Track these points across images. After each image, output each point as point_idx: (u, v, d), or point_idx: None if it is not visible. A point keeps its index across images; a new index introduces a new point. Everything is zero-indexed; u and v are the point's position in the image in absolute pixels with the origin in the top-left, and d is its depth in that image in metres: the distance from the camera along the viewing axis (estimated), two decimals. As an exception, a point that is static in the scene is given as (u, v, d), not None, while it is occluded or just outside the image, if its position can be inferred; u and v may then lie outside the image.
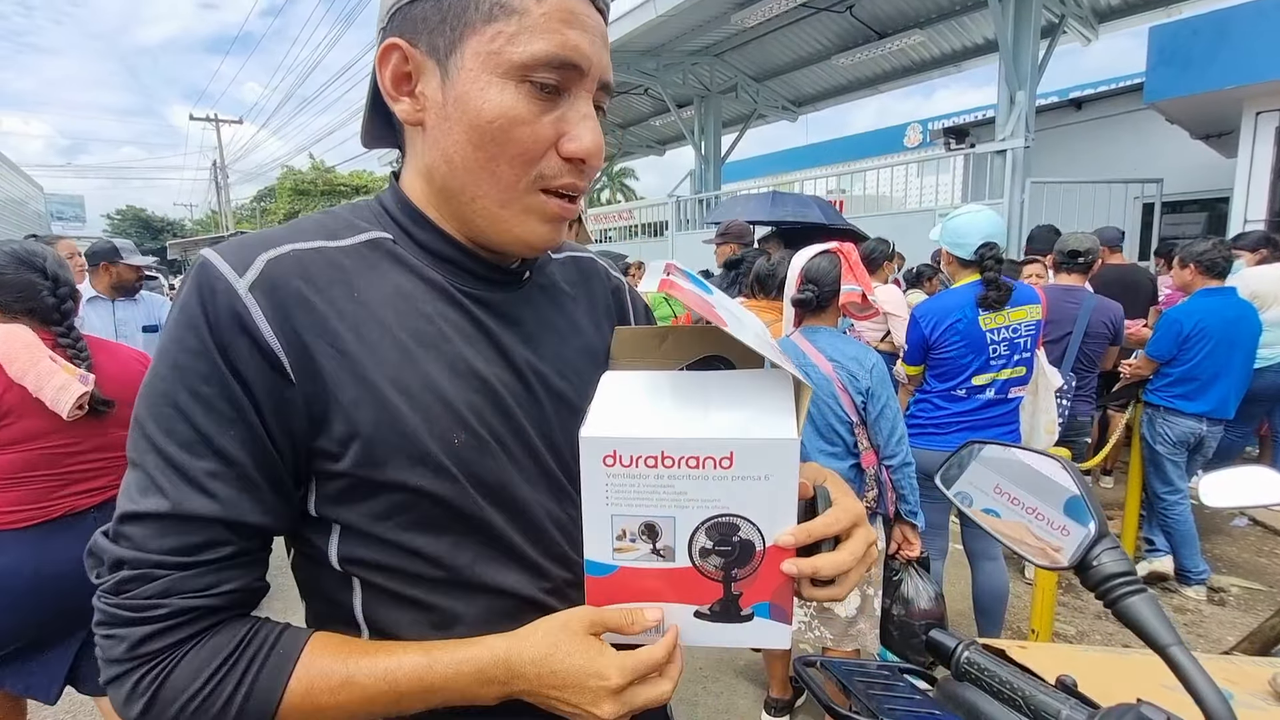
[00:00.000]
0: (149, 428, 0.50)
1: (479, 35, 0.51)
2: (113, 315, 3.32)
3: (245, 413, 0.50)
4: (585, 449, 0.50)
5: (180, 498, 0.49)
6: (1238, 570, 3.34)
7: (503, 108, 0.52)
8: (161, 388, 0.50)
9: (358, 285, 0.55)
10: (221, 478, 0.50)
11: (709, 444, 0.49)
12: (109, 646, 0.49)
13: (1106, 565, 0.52)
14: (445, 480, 0.54)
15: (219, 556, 0.50)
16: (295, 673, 0.50)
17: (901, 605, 1.96)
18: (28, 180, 19.92)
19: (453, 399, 0.55)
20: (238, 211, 36.66)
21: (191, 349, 0.50)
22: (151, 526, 0.49)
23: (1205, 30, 5.16)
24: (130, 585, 0.48)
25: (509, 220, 0.56)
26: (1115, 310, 3.06)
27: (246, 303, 0.50)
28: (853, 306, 1.97)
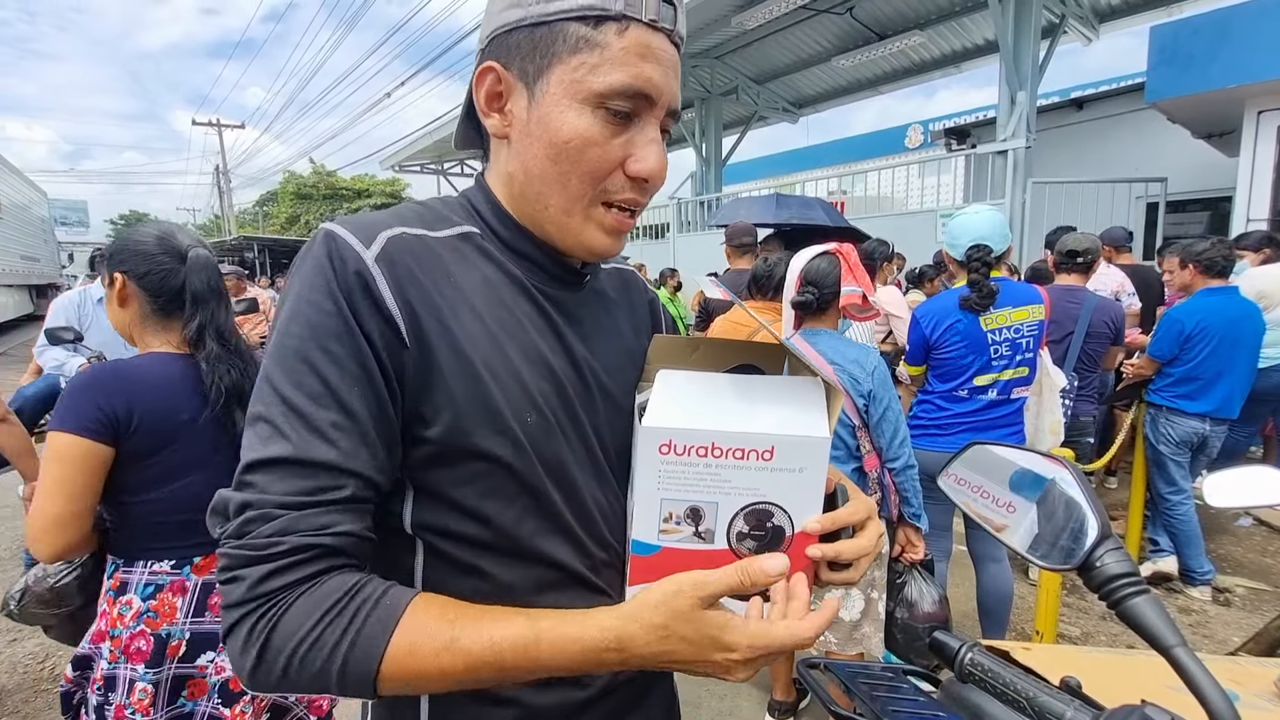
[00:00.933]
0: (278, 381, 0.53)
1: (564, 65, 0.58)
2: None
3: (371, 372, 0.54)
4: (644, 437, 0.55)
5: (304, 444, 0.52)
6: (1243, 571, 3.33)
7: (578, 130, 0.58)
8: (294, 345, 0.54)
9: (453, 272, 0.60)
10: (343, 429, 0.53)
11: (754, 438, 0.55)
12: (230, 591, 0.50)
13: (1109, 566, 0.52)
14: (519, 453, 0.59)
15: (334, 499, 0.52)
16: (400, 626, 0.50)
17: (905, 608, 1.96)
18: (31, 185, 20.01)
19: (528, 382, 0.60)
20: (240, 216, 36.75)
21: (325, 310, 0.54)
22: (275, 472, 0.52)
23: (1206, 30, 5.16)
24: (252, 526, 0.50)
25: (574, 227, 0.62)
26: (1117, 310, 3.05)
27: (373, 271, 0.55)
28: (853, 308, 1.97)
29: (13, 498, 4.19)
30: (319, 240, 0.57)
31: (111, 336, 3.25)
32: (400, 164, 16.34)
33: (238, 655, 0.50)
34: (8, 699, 2.39)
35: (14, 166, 17.84)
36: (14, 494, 4.03)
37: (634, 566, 0.59)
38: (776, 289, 2.44)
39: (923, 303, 2.58)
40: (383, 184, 29.12)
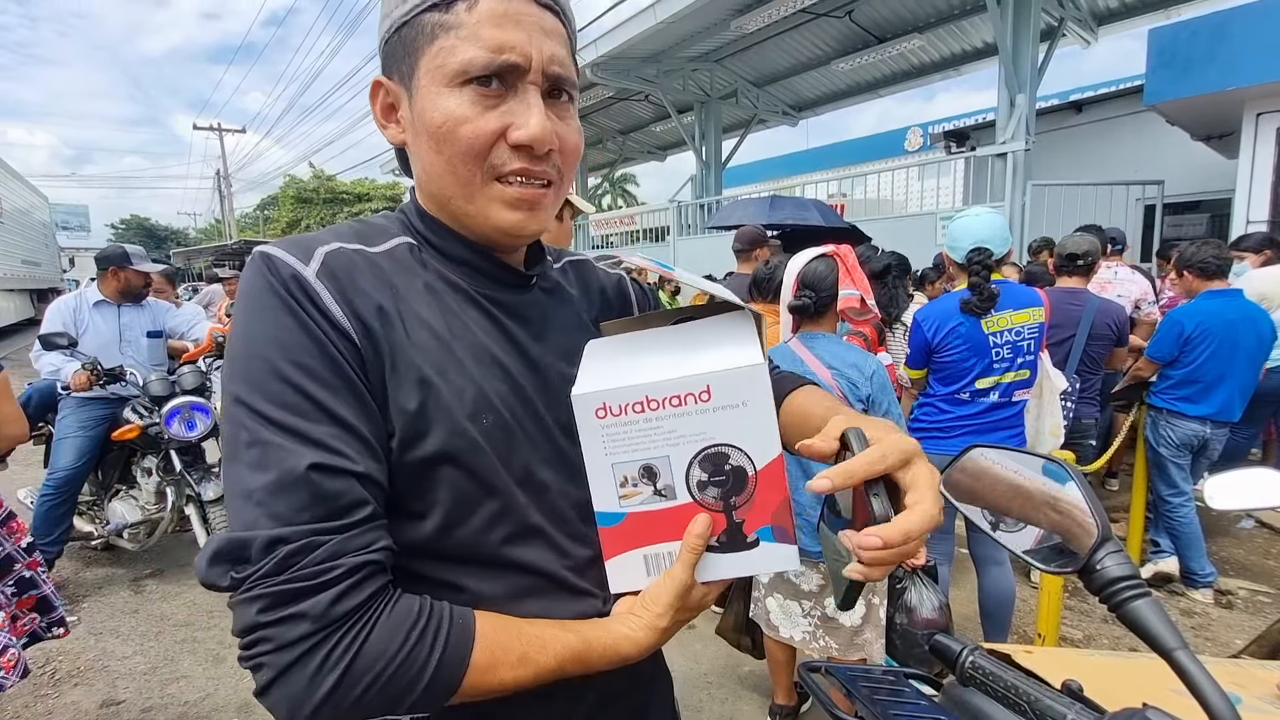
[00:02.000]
0: (259, 405, 0.51)
1: (427, 55, 0.58)
2: (118, 320, 3.34)
3: (351, 380, 0.54)
4: (578, 406, 0.55)
5: (312, 457, 0.50)
6: (1245, 573, 3.32)
7: (446, 111, 0.57)
8: (263, 365, 0.52)
9: (394, 283, 0.60)
10: (342, 439, 0.51)
11: (686, 381, 0.54)
12: (286, 630, 0.47)
13: (1110, 569, 0.52)
14: (479, 455, 0.58)
15: (364, 516, 0.51)
16: (477, 644, 0.53)
17: (905, 614, 1.95)
18: (33, 190, 20.04)
19: (481, 384, 0.60)
20: (241, 220, 36.80)
21: (287, 325, 0.52)
22: (289, 495, 0.49)
23: (1204, 32, 5.16)
24: (297, 558, 0.48)
25: (477, 212, 0.61)
26: (1118, 311, 3.05)
27: (317, 287, 0.55)
28: (851, 311, 1.96)
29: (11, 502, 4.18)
30: (255, 264, 0.55)
31: (108, 340, 3.28)
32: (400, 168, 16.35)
33: (304, 687, 0.47)
34: (8, 703, 2.39)
35: (15, 171, 17.87)
36: (12, 498, 4.02)
37: (605, 540, 0.59)
38: (777, 291, 2.46)
39: (923, 306, 2.58)
40: (383, 188, 29.14)
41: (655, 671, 0.78)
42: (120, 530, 3.18)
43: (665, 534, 0.58)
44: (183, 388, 3.13)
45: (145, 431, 3.04)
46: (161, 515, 3.15)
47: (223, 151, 31.08)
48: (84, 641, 2.79)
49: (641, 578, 0.59)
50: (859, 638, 1.93)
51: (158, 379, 3.14)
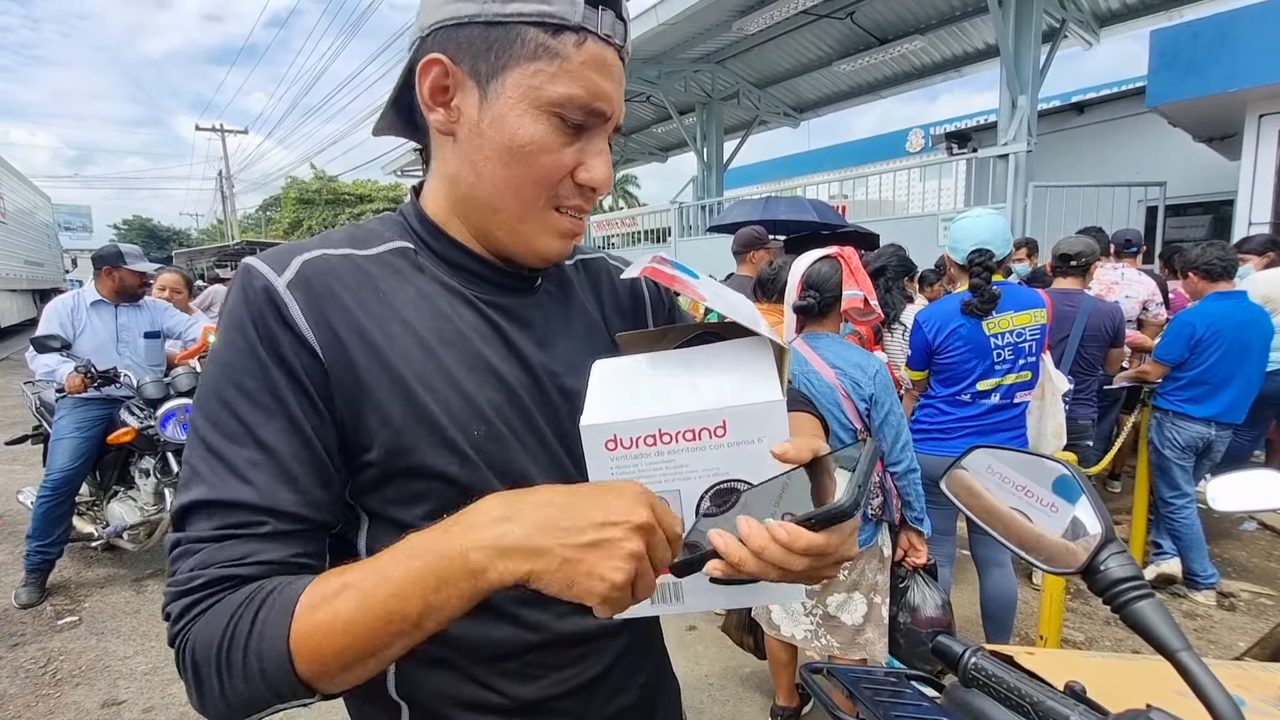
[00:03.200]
0: (199, 424, 0.54)
1: (522, 69, 0.57)
2: (115, 320, 3.31)
3: (287, 404, 0.54)
4: (587, 437, 0.52)
5: (220, 485, 0.52)
6: (1247, 575, 3.32)
7: (534, 136, 0.58)
8: (211, 385, 0.54)
9: (382, 289, 0.60)
10: (260, 466, 0.53)
11: (702, 416, 0.50)
12: (168, 627, 0.51)
13: (1113, 570, 0.52)
14: (469, 468, 0.58)
15: (253, 533, 0.52)
16: (301, 599, 0.48)
17: (908, 613, 1.95)
18: (35, 191, 20.08)
19: (472, 393, 0.59)
20: (243, 221, 36.87)
21: (238, 346, 0.54)
22: (198, 514, 0.52)
23: (1206, 33, 5.16)
24: (178, 563, 0.52)
25: (527, 233, 0.62)
26: (1113, 311, 3.04)
27: (285, 298, 0.55)
28: (855, 312, 1.97)
29: (11, 503, 4.19)
30: (238, 274, 0.57)
31: (105, 340, 3.27)
32: (402, 169, 16.38)
33: (188, 692, 0.50)
34: (9, 704, 2.39)
35: (18, 172, 17.91)
36: (13, 499, 4.03)
37: None
38: (781, 292, 2.47)
39: (924, 307, 2.58)
40: (385, 189, 29.18)
41: (660, 680, 0.76)
42: (120, 531, 3.18)
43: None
44: (177, 389, 3.13)
45: (141, 434, 3.03)
46: (161, 516, 3.15)
47: (225, 152, 31.13)
48: (85, 641, 2.79)
49: (645, 607, 0.53)
50: (860, 637, 1.93)
51: (152, 381, 3.13)
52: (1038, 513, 0.61)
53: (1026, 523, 0.62)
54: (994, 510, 0.67)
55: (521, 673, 0.62)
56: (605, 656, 0.66)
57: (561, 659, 0.63)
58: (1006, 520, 0.65)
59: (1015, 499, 0.63)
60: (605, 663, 0.66)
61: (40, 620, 2.97)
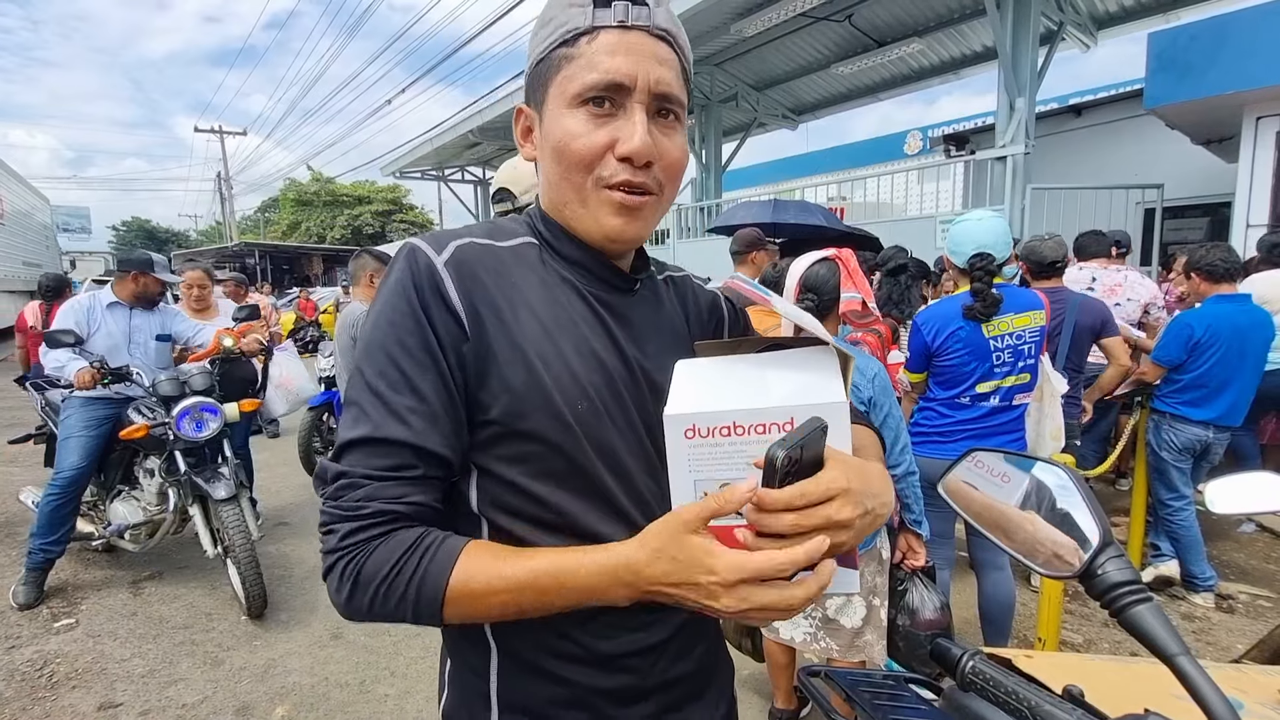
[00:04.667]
0: (366, 372, 0.64)
1: (555, 83, 0.68)
2: (128, 322, 3.39)
3: (438, 361, 0.63)
4: (669, 425, 0.58)
5: (383, 424, 0.62)
6: (1246, 577, 3.32)
7: (566, 128, 0.66)
8: (378, 339, 0.64)
9: (512, 276, 0.69)
10: (416, 412, 0.62)
11: (773, 412, 0.56)
12: (326, 540, 0.61)
13: (1111, 574, 0.52)
14: (570, 437, 0.66)
15: (409, 476, 0.62)
16: (458, 563, 0.60)
17: (907, 615, 1.95)
18: (34, 192, 20.04)
19: (579, 372, 0.67)
20: (242, 222, 36.83)
21: (402, 310, 0.64)
22: (361, 449, 0.62)
23: (1204, 36, 5.17)
24: (344, 492, 0.61)
25: (587, 216, 0.69)
26: (1099, 306, 3.02)
27: (443, 274, 0.65)
28: (853, 314, 1.97)
29: (13, 504, 4.18)
30: (403, 253, 0.67)
31: (118, 342, 3.31)
32: (401, 170, 16.40)
33: (334, 591, 0.61)
34: (5, 707, 2.38)
35: (17, 173, 17.88)
36: (14, 500, 4.02)
37: None
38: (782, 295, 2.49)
39: (923, 310, 2.58)
40: (383, 190, 29.19)
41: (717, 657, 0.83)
42: (121, 531, 3.18)
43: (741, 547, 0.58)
44: (193, 389, 3.14)
45: (151, 432, 3.04)
46: (163, 516, 3.14)
47: (224, 154, 31.12)
48: (82, 644, 2.79)
49: None
50: (860, 639, 1.93)
51: (167, 379, 3.15)
52: (1035, 516, 0.61)
53: (1024, 526, 0.62)
54: (991, 513, 0.67)
55: (601, 632, 0.70)
56: (668, 627, 0.74)
57: (634, 623, 0.71)
58: (1004, 523, 0.65)
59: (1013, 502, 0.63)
60: (668, 631, 0.74)
61: (36, 623, 2.96)
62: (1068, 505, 0.58)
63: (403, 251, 0.67)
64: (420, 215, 29.93)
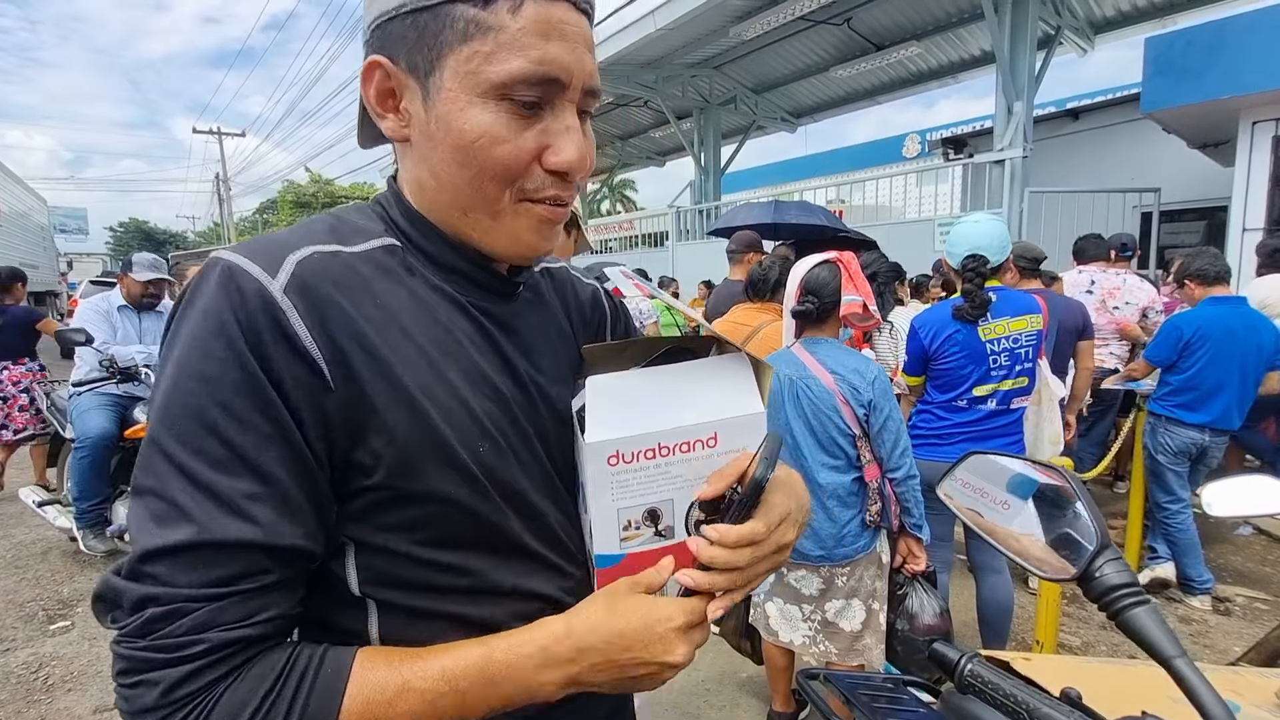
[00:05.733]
0: (170, 447, 0.46)
1: (456, 55, 0.51)
2: (139, 325, 3.49)
3: (285, 426, 0.48)
4: (591, 454, 0.53)
5: (212, 524, 0.45)
6: (1243, 580, 3.32)
7: (483, 127, 0.52)
8: (186, 402, 0.46)
9: (376, 291, 0.54)
10: (260, 499, 0.46)
11: (696, 429, 0.54)
12: (136, 696, 0.44)
13: (1109, 577, 0.52)
14: (473, 489, 0.54)
15: (256, 586, 0.47)
16: (348, 690, 0.47)
17: (906, 620, 1.95)
18: (31, 193, 20.00)
19: (474, 408, 0.55)
20: (240, 224, 36.81)
21: (220, 358, 0.46)
22: (181, 559, 0.45)
23: (1200, 41, 5.20)
24: (159, 624, 0.44)
25: (497, 230, 0.57)
26: (1079, 308, 3.11)
27: (283, 306, 0.48)
28: (854, 317, 1.97)
29: (8, 506, 4.17)
30: (212, 274, 0.48)
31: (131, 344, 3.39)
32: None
33: None
34: (0, 710, 2.37)
35: (14, 174, 17.84)
36: (10, 502, 4.01)
37: (600, 579, 0.57)
38: (773, 291, 2.54)
39: (920, 313, 2.59)
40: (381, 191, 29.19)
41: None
42: (122, 532, 3.20)
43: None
44: None
45: None
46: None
47: (222, 155, 31.10)
48: (77, 647, 2.78)
49: None
50: (859, 643, 1.93)
51: None
52: (1033, 519, 0.61)
53: (1022, 529, 0.62)
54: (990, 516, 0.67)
55: None
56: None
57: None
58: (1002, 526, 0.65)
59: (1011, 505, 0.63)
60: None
61: (32, 625, 2.95)
62: (1065, 508, 0.58)
63: (211, 275, 0.48)
64: (419, 217, 29.95)
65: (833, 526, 1.89)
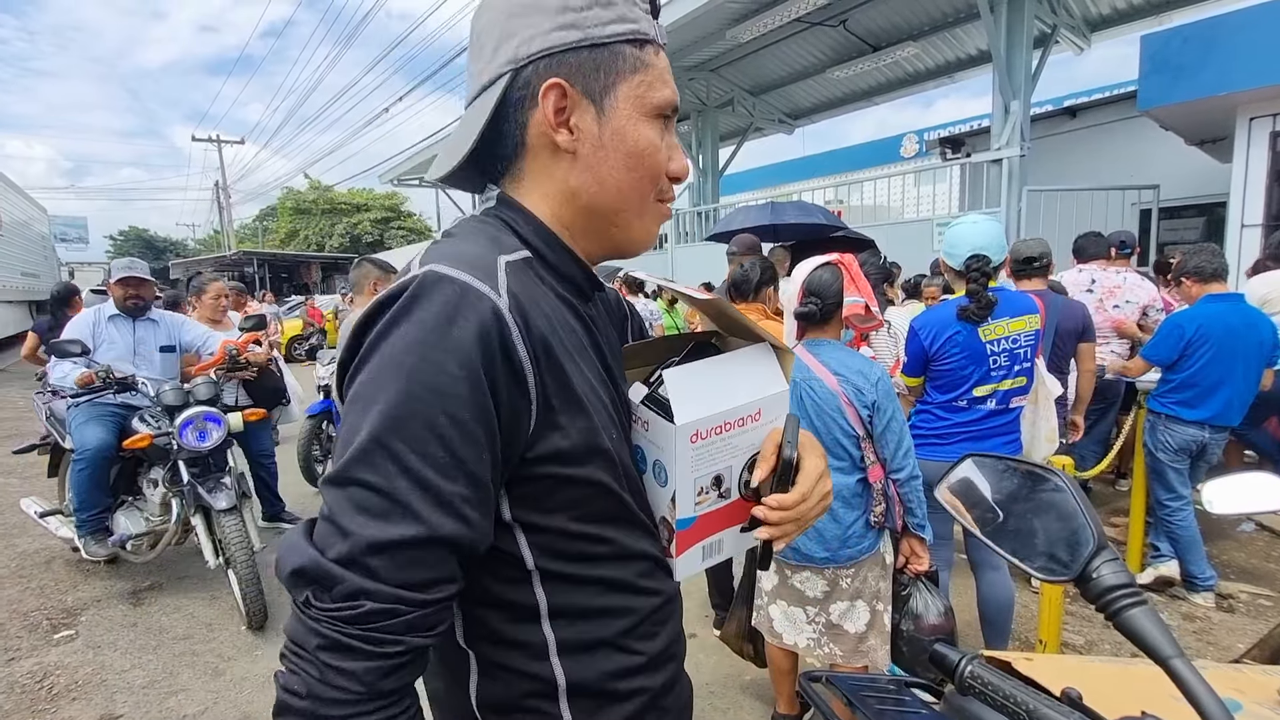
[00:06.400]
0: (398, 449, 0.50)
1: (628, 82, 0.64)
2: (133, 333, 3.40)
3: (494, 437, 0.54)
4: (680, 434, 0.64)
5: (437, 522, 0.51)
6: (1246, 576, 3.32)
7: (650, 139, 0.65)
8: (416, 410, 0.51)
9: (540, 299, 0.61)
10: (471, 502, 0.53)
11: (748, 406, 0.68)
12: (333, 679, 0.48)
13: (1106, 577, 0.52)
14: (612, 471, 0.63)
15: (446, 595, 0.53)
16: None
17: (910, 620, 1.95)
18: (32, 203, 20.05)
19: (605, 400, 0.65)
20: (240, 231, 36.86)
21: (454, 375, 0.51)
22: (401, 556, 0.50)
23: (1195, 38, 5.21)
24: (375, 619, 0.49)
25: (641, 227, 0.69)
26: (1081, 309, 3.05)
27: (510, 324, 0.54)
28: (856, 318, 1.97)
29: (12, 515, 4.17)
30: (438, 289, 0.53)
31: (122, 352, 3.32)
32: (399, 178, 16.42)
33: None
34: (5, 719, 2.38)
35: (14, 184, 17.89)
36: (14, 512, 4.01)
37: (680, 540, 0.70)
38: (756, 291, 2.59)
39: (920, 314, 2.59)
40: (381, 198, 29.22)
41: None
42: (124, 541, 3.17)
43: (719, 526, 0.72)
44: (196, 398, 3.14)
45: (155, 441, 3.04)
46: (166, 527, 3.15)
47: (221, 163, 31.15)
48: (82, 655, 2.78)
49: (698, 564, 0.72)
50: (863, 644, 1.93)
51: (171, 389, 3.15)
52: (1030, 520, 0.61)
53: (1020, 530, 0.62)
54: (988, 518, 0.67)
55: (650, 632, 0.69)
56: (679, 611, 0.76)
57: (666, 614, 0.72)
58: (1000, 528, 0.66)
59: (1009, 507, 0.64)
60: (679, 616, 0.76)
61: (36, 634, 2.96)
62: (1062, 509, 0.59)
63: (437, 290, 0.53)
64: (419, 222, 29.97)
65: (837, 528, 1.89)
